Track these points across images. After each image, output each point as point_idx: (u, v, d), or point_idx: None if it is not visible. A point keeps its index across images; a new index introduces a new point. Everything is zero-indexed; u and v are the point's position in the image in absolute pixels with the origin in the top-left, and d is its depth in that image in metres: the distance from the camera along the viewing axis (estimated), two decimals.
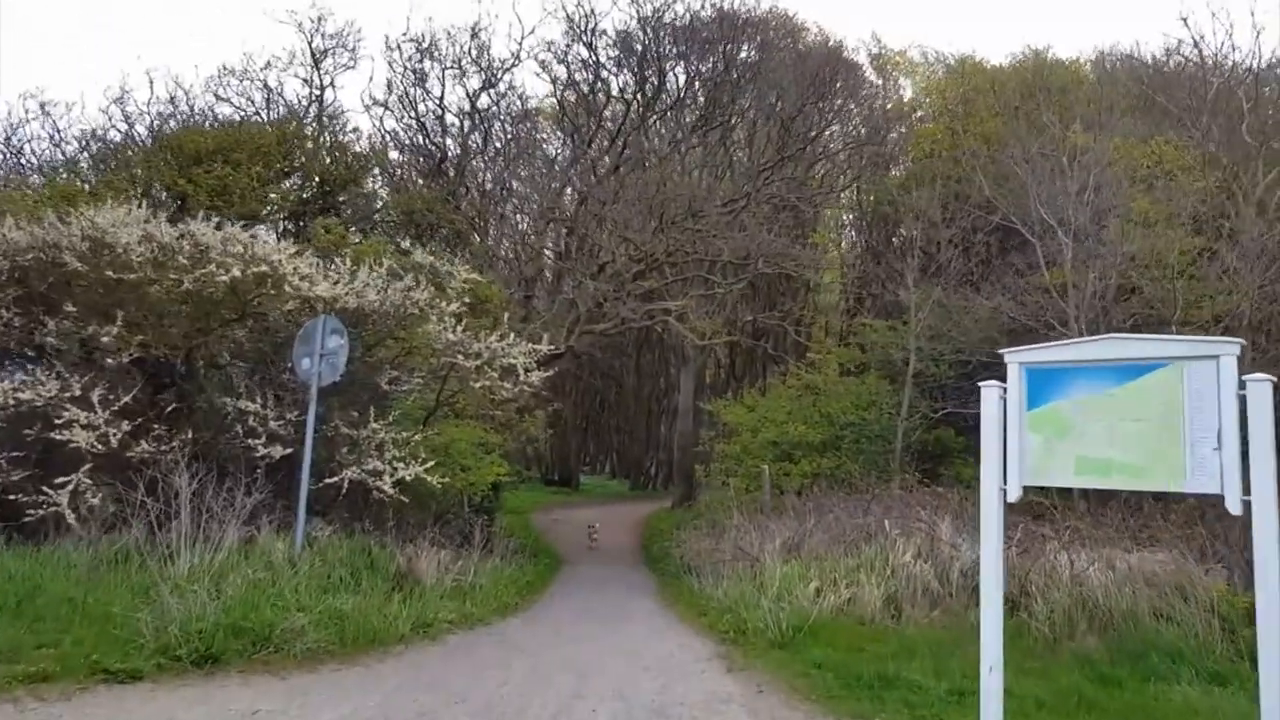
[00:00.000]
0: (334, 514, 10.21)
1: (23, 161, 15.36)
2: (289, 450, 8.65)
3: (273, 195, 12.77)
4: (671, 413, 39.05)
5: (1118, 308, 13.86)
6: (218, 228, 8.74)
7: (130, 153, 13.37)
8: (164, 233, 8.36)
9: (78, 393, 7.98)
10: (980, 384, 4.96)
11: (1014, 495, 4.60)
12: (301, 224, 13.09)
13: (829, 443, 16.45)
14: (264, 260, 8.22)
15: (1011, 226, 19.66)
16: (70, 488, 8.01)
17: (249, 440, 8.40)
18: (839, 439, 16.42)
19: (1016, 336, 16.82)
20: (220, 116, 15.31)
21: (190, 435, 8.46)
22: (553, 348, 10.87)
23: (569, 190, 17.91)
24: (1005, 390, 4.71)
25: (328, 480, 8.80)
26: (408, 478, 9.01)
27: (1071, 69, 23.41)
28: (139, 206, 9.14)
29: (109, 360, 8.10)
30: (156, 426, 8.53)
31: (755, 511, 14.09)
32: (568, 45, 18.13)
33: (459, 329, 10.22)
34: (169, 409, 8.74)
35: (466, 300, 10.37)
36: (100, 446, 8.02)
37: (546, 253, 18.97)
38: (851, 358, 19.68)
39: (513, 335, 10.30)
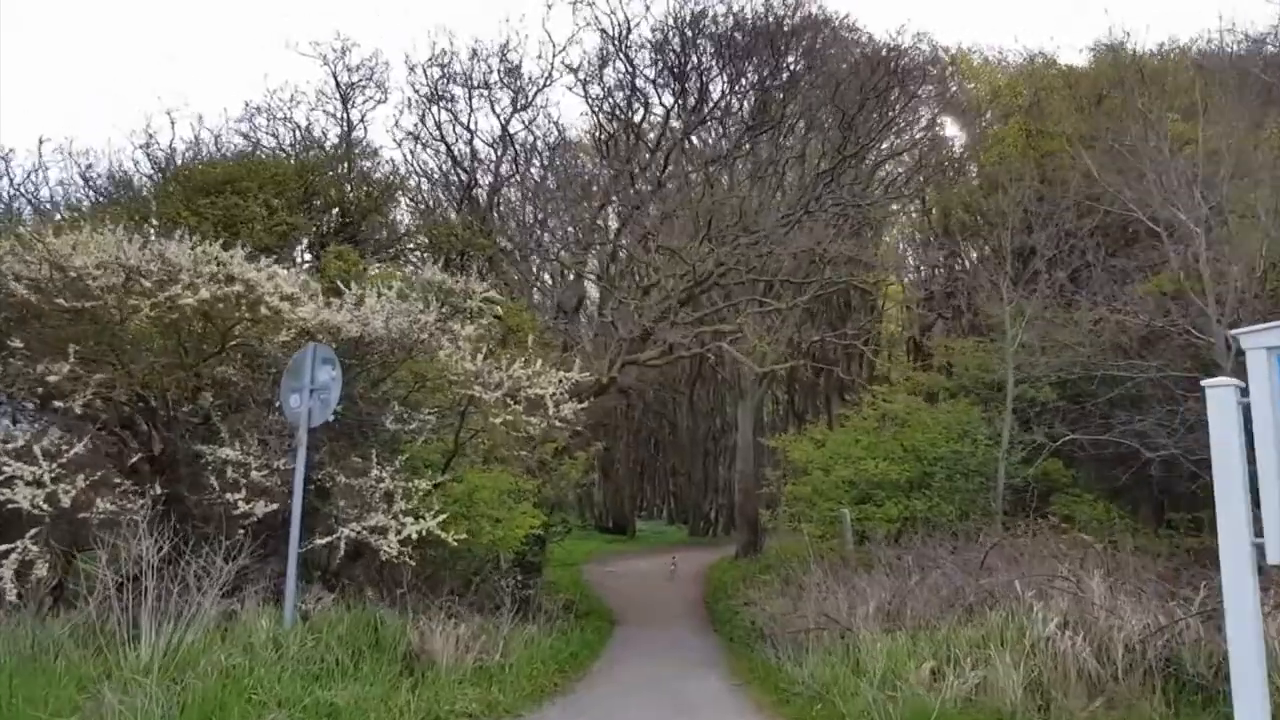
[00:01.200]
0: (344, 578, 8.66)
1: (42, 203, 14.63)
2: (275, 505, 7.13)
3: (286, 225, 11.61)
4: (730, 452, 37.00)
5: (1258, 303, 11.69)
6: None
7: (138, 189, 12.48)
8: (128, 254, 7.02)
9: (21, 443, 6.60)
10: (1205, 384, 3.17)
11: (1277, 555, 2.88)
12: (319, 256, 11.85)
13: (917, 481, 14.39)
14: (239, 279, 6.81)
15: (1111, 229, 17.51)
16: (14, 556, 6.62)
17: (227, 495, 6.90)
18: (928, 476, 14.36)
19: (1129, 352, 14.63)
20: (244, 154, 14.43)
21: (159, 491, 7.00)
22: (589, 375, 9.25)
23: (609, 211, 16.53)
24: (1245, 391, 2.93)
25: (318, 541, 7.23)
26: (416, 534, 7.40)
27: (1160, 58, 21.29)
28: (129, 241, 7.91)
29: (57, 404, 6.72)
30: (121, 481, 7.10)
31: (836, 564, 12.09)
32: (603, 60, 16.88)
33: (479, 358, 8.67)
34: (134, 460, 7.32)
35: (485, 322, 8.87)
36: (48, 507, 6.60)
37: (588, 281, 17.55)
38: (934, 383, 17.57)
39: (540, 362, 8.70)
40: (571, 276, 16.33)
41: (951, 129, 25.14)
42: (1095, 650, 6.97)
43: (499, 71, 16.60)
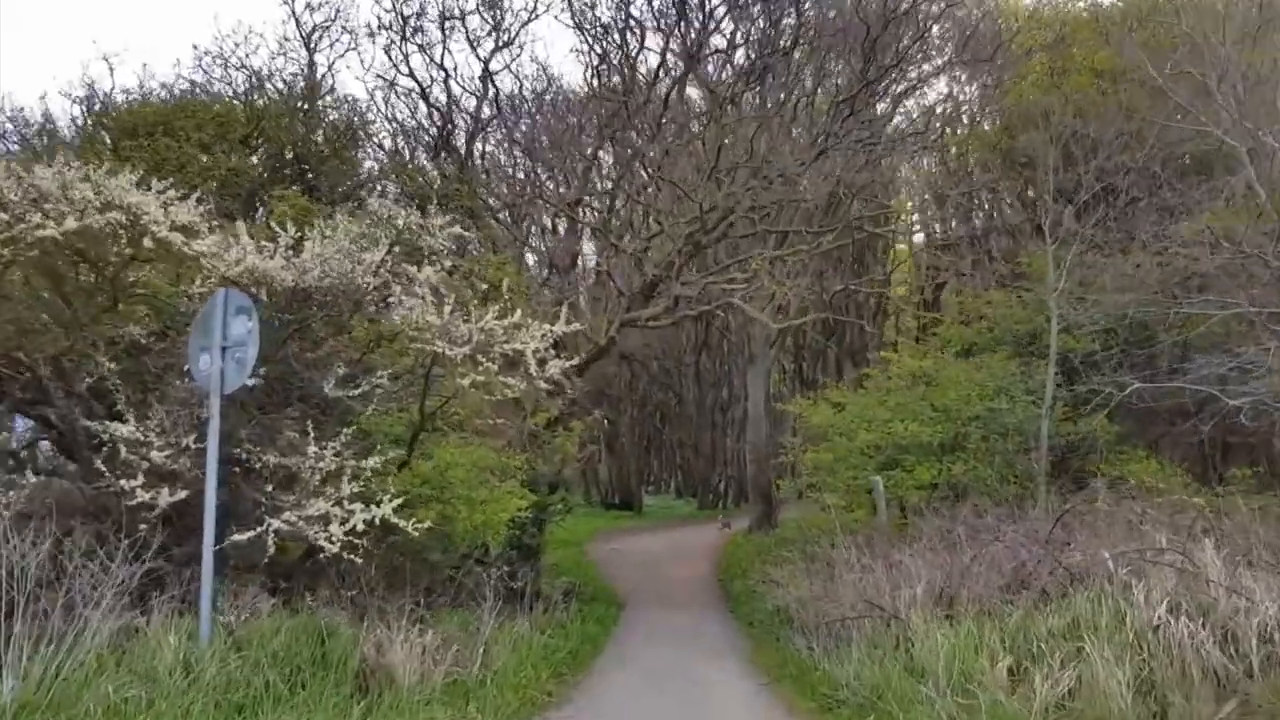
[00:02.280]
0: (292, 579, 7.27)
1: None
2: (185, 493, 5.71)
3: (228, 171, 10.09)
4: (739, 423, 35.63)
5: None
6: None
7: (61, 138, 11.01)
8: None
9: None
10: None
11: None
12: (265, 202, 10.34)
13: (949, 443, 12.97)
14: (119, 206, 5.32)
15: (1151, 165, 15.93)
16: None
17: (123, 482, 5.48)
18: (962, 437, 12.93)
19: (1180, 296, 13.09)
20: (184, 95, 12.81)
21: (33, 480, 5.58)
22: (579, 327, 7.78)
23: (604, 158, 14.98)
24: None
25: (236, 536, 5.81)
26: (364, 523, 5.98)
27: None
28: None
29: None
30: None
31: (868, 537, 10.69)
32: None
33: (447, 310, 7.20)
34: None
35: (449, 264, 7.41)
36: None
37: (583, 237, 16.05)
38: (962, 337, 16.05)
39: (519, 313, 7.22)
40: (563, 229, 14.77)
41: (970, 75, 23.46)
42: (1218, 639, 5.56)
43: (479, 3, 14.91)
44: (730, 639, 10.15)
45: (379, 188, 12.72)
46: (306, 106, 12.36)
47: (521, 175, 17.43)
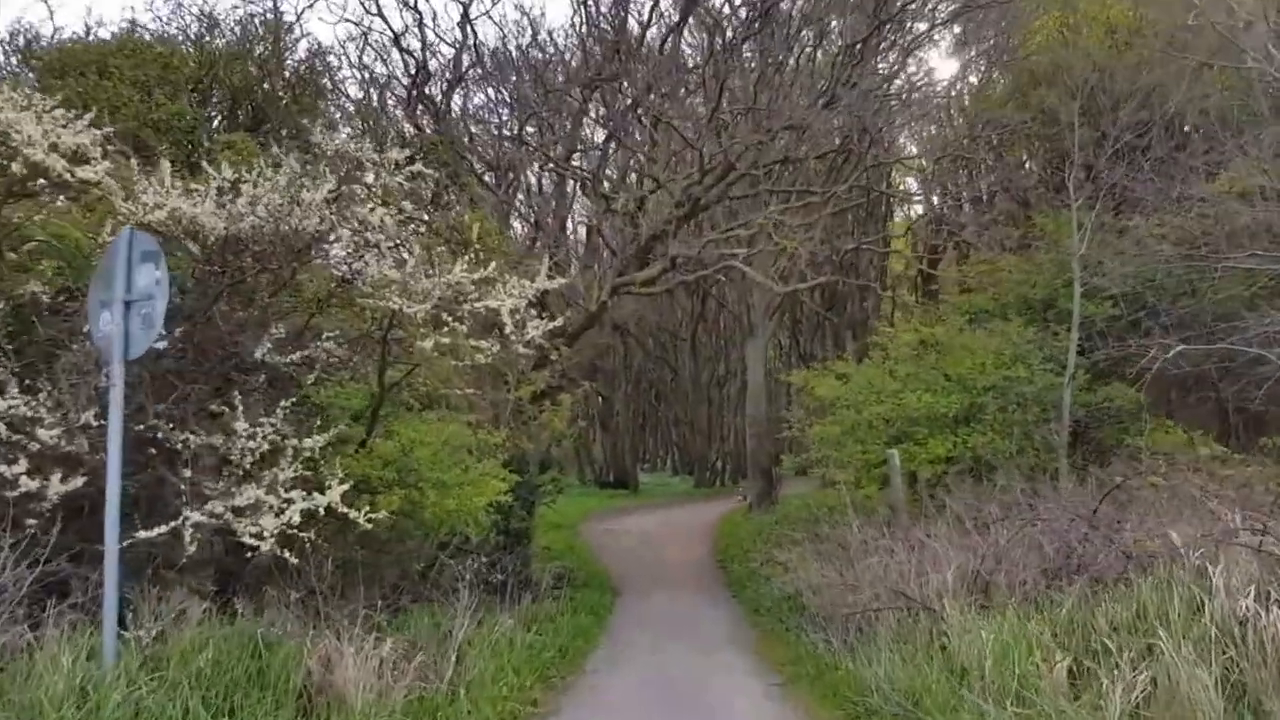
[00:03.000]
0: (236, 580, 6.35)
1: None
2: (83, 480, 4.76)
3: (171, 116, 9.03)
4: (735, 398, 34.80)
5: None
6: None
7: None
8: None
9: None
10: None
11: None
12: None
13: (963, 415, 12.09)
14: None
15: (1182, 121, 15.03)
16: None
17: (2, 468, 4.52)
18: (977, 408, 12.04)
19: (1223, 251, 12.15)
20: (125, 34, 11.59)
21: None
22: (562, 281, 6.80)
23: (594, 109, 13.88)
24: None
25: (141, 534, 4.86)
26: (298, 517, 5.05)
27: None
28: None
29: None
30: None
31: (883, 516, 9.82)
32: None
33: (410, 262, 6.24)
34: None
35: (410, 206, 6.42)
36: None
37: (574, 198, 15.00)
38: (972, 304, 15.10)
39: (493, 265, 6.24)
40: (551, 189, 13.73)
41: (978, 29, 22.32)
42: None
43: None
44: (735, 629, 9.28)
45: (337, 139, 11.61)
46: (266, 51, 11.22)
47: (506, 133, 16.35)
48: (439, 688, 5.64)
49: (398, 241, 6.57)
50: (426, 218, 9.69)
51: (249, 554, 5.68)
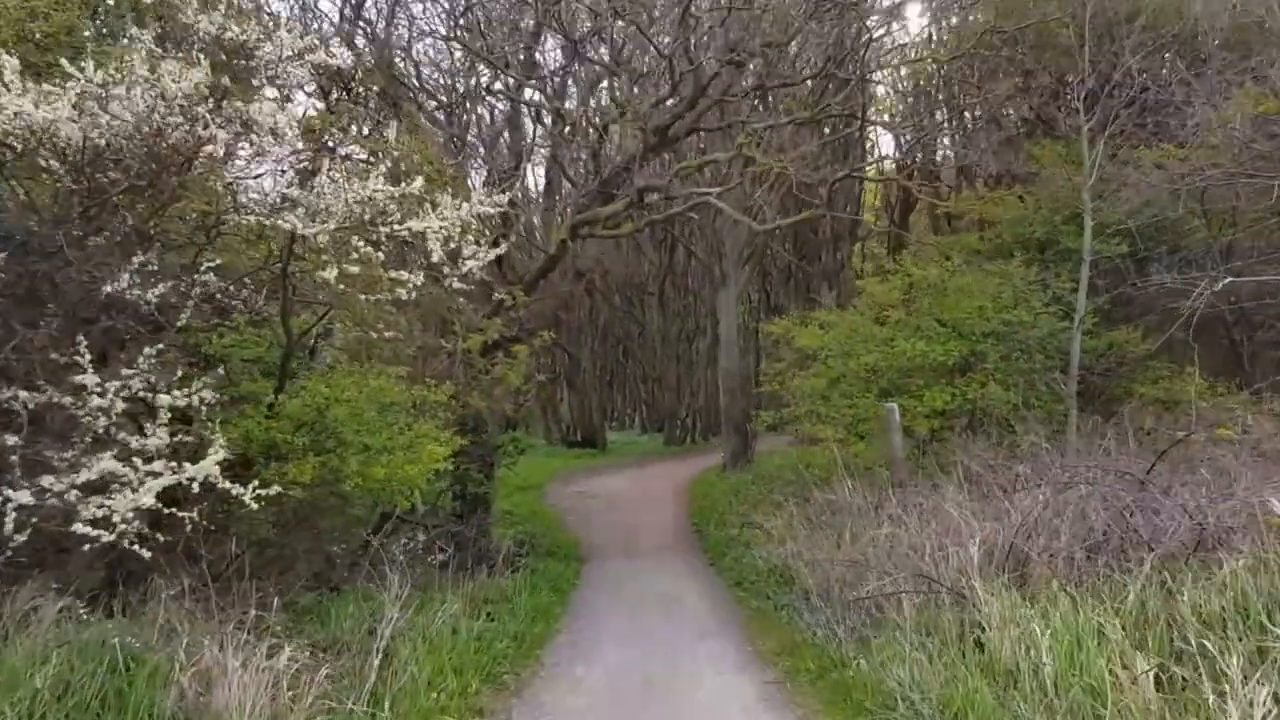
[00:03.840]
0: (124, 568, 5.12)
1: None
2: None
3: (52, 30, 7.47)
4: (706, 354, 33.75)
5: None
6: None
7: None
8: None
9: None
10: None
11: None
12: None
13: (961, 364, 11.09)
14: None
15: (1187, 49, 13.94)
16: None
17: None
18: (977, 356, 11.04)
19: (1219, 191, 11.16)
20: None
21: None
22: (503, 201, 5.50)
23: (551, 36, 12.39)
24: None
25: None
26: (149, 497, 3.80)
27: None
28: None
29: None
30: None
31: (886, 477, 8.81)
32: None
33: (323, 173, 4.91)
34: None
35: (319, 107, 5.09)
36: None
37: (532, 137, 13.56)
38: (962, 244, 14.02)
39: (419, 182, 4.92)
40: (505, 123, 12.24)
41: None
42: None
43: None
44: (717, 607, 8.23)
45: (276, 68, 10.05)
46: None
47: (454, 66, 14.73)
48: (356, 702, 4.47)
49: (303, 159, 5.21)
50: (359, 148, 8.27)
51: (131, 541, 4.40)
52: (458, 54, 14.33)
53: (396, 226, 4.78)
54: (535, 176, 17.82)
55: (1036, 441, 8.36)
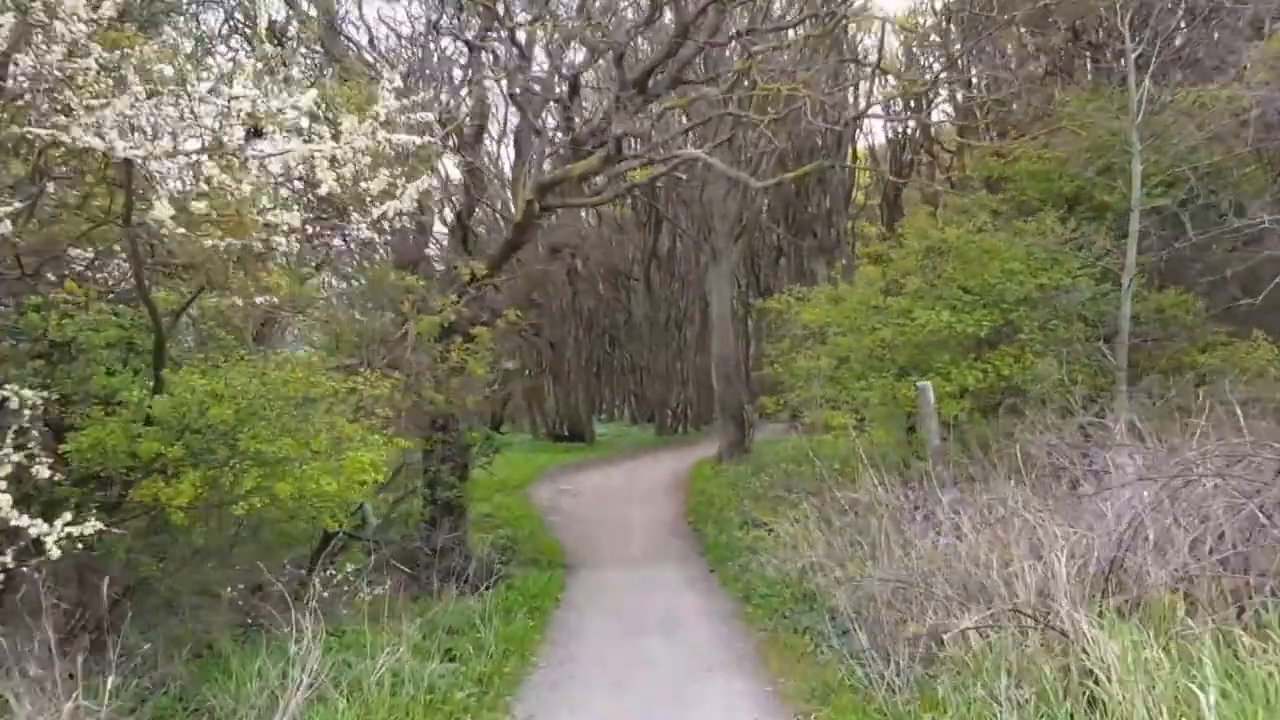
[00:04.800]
0: None
1: None
2: None
3: None
4: (696, 340, 32.44)
5: None
6: None
7: None
8: None
9: None
10: None
11: None
12: None
13: (993, 336, 9.79)
14: None
15: None
16: None
17: None
18: (1012, 327, 9.74)
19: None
20: None
21: None
22: (423, 110, 4.13)
23: None
24: None
25: None
26: None
27: None
28: None
29: None
30: None
31: (919, 469, 7.48)
32: None
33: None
34: None
35: None
36: None
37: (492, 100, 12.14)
38: (975, 204, 12.69)
39: (312, 92, 3.53)
40: (462, 71, 10.81)
41: None
42: None
43: None
44: (725, 631, 6.92)
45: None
46: None
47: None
48: None
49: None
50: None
51: None
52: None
53: (268, 154, 3.40)
54: (507, 155, 16.38)
55: (1097, 421, 7.06)
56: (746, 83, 8.67)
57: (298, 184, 4.20)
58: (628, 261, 34.14)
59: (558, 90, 10.37)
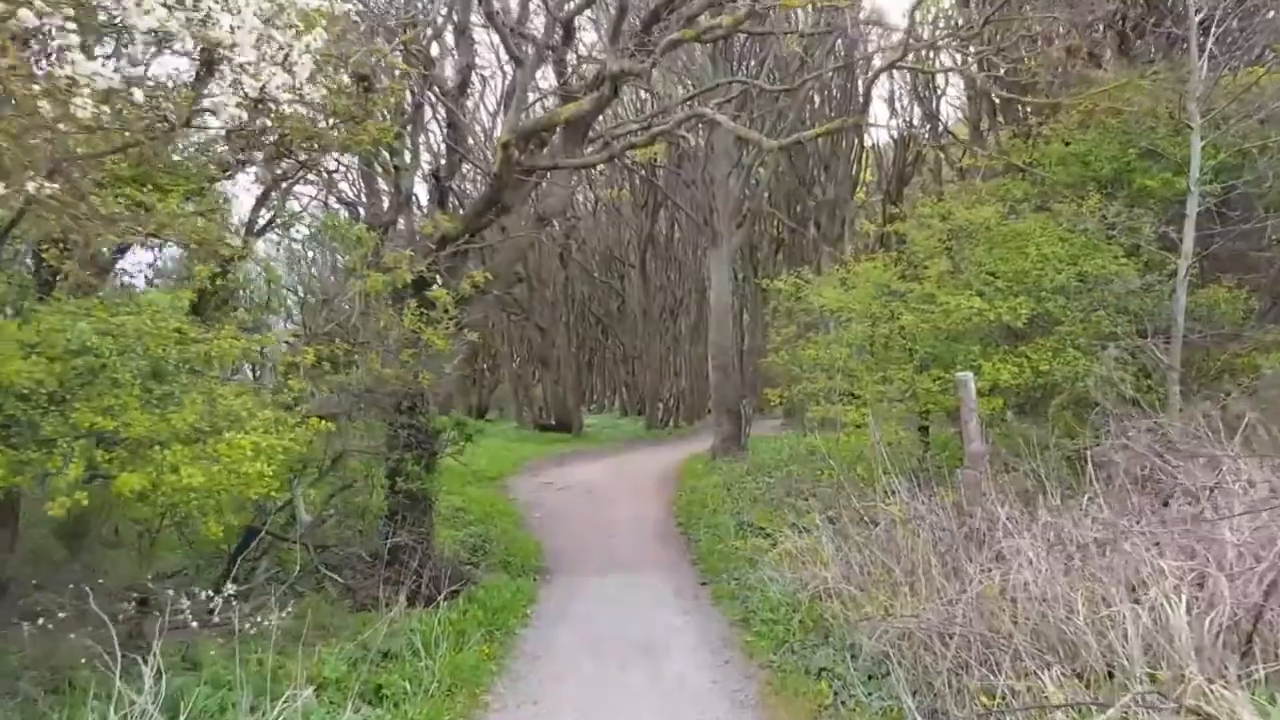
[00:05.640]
0: None
1: None
2: None
3: None
4: (691, 330, 31.34)
5: None
6: None
7: None
8: None
9: None
10: None
11: None
12: None
13: (1026, 328, 8.64)
14: None
15: None
16: None
17: None
18: (1049, 317, 8.59)
19: None
20: None
21: None
22: None
23: None
24: None
25: None
26: None
27: None
28: None
29: None
30: None
31: (960, 479, 6.33)
32: None
33: None
34: None
35: None
36: None
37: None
38: (999, 192, 11.52)
39: None
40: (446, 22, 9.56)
41: None
42: None
43: None
44: (721, 664, 5.78)
45: None
46: None
47: None
48: None
49: None
50: None
51: None
52: None
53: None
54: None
55: (1163, 425, 5.95)
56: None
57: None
58: (623, 247, 32.94)
59: (554, 34, 9.17)
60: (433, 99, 11.23)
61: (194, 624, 3.77)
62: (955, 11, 17.17)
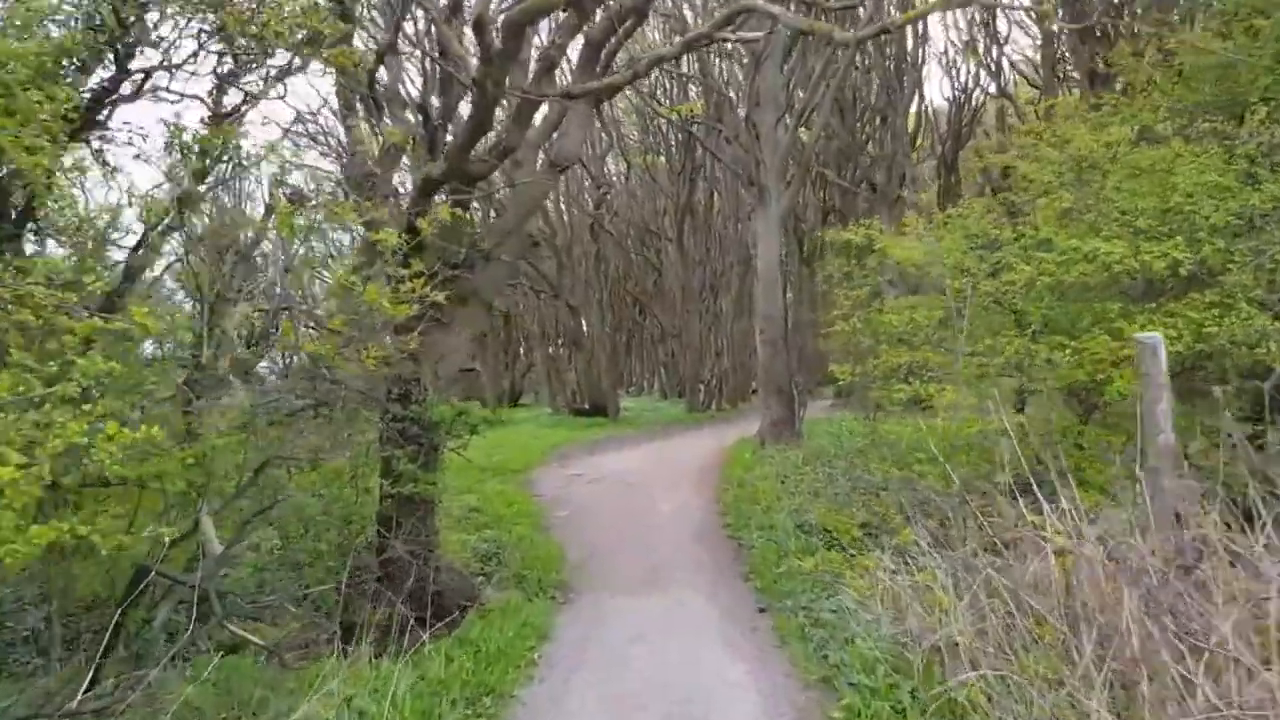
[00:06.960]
0: None
1: None
2: None
3: None
4: (735, 305, 29.39)
5: None
6: None
7: None
8: None
9: None
10: None
11: None
12: None
13: (1176, 282, 6.63)
14: None
15: None
16: None
17: None
18: (1205, 266, 6.57)
19: None
20: None
21: None
22: None
23: None
24: None
25: None
26: None
27: None
28: None
29: None
30: None
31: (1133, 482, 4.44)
32: None
33: None
34: None
35: None
36: None
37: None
38: (1123, 115, 9.37)
39: None
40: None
41: None
42: None
43: None
44: None
45: None
46: None
47: None
48: None
49: None
50: None
51: None
52: None
53: None
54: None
55: None
56: None
57: None
58: (659, 218, 31.04)
59: None
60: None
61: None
62: None
